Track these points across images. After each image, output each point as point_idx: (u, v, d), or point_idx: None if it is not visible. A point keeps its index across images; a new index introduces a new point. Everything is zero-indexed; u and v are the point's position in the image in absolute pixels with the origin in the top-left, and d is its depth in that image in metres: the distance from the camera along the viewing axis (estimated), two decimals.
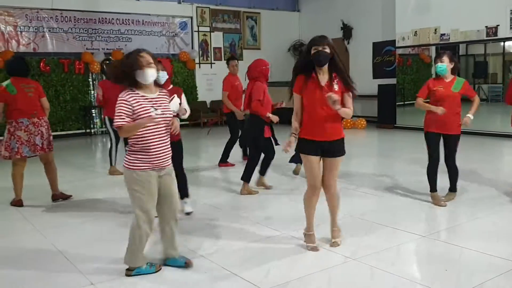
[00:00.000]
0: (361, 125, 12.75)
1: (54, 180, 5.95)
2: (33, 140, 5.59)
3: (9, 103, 5.53)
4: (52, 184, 5.96)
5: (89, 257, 4.02)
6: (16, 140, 5.53)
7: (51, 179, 5.95)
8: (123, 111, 3.36)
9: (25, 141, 5.55)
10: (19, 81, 5.64)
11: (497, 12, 10.43)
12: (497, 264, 3.64)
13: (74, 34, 12.55)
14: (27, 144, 5.56)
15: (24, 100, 5.57)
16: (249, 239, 4.36)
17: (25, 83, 5.70)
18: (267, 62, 6.11)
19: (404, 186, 6.22)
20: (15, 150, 5.53)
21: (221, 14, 14.90)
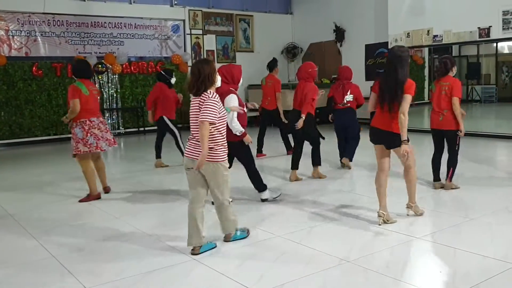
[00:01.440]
0: None
1: (104, 175, 6.43)
2: (105, 136, 6.14)
3: (82, 102, 5.96)
4: (102, 179, 6.43)
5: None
6: (94, 136, 6.02)
7: (102, 174, 6.41)
8: (217, 110, 3.96)
9: (100, 137, 6.06)
10: (87, 83, 6.14)
11: (490, 13, 10.46)
12: (491, 265, 3.62)
13: (66, 38, 12.49)
14: (103, 140, 6.09)
15: (94, 101, 6.14)
16: (243, 242, 4.33)
17: (92, 85, 6.26)
18: (315, 65, 6.74)
19: (397, 187, 6.20)
20: (94, 145, 6.02)
21: (214, 17, 14.88)
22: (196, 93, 4.02)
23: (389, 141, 4.63)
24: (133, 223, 5.05)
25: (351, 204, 5.50)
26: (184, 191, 6.49)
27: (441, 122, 5.82)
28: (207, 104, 3.92)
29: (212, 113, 3.90)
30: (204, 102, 3.94)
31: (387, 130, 4.58)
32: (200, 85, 3.98)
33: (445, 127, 5.83)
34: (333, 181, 6.75)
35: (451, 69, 5.80)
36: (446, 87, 5.74)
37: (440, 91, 5.80)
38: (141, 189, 6.70)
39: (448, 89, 5.72)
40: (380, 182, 4.75)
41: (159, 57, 13.90)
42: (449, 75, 5.80)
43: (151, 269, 3.76)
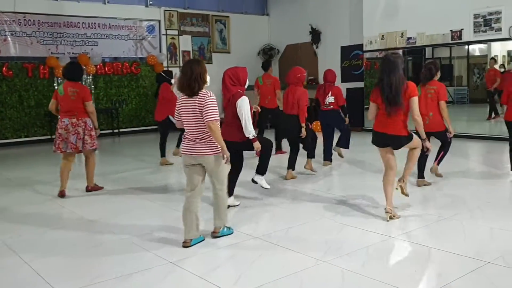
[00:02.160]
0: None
1: (90, 174, 6.52)
2: (69, 138, 6.18)
3: (59, 103, 6.29)
4: (88, 177, 6.52)
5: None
6: (58, 136, 6.25)
7: (87, 172, 6.53)
8: (217, 107, 4.15)
9: (64, 138, 6.19)
10: (68, 84, 6.28)
11: (461, 16, 10.67)
12: (464, 263, 3.69)
13: (38, 38, 12.25)
14: (66, 141, 6.20)
15: (67, 102, 6.21)
16: (221, 244, 4.31)
17: (72, 87, 6.26)
18: (304, 70, 6.97)
19: (373, 186, 6.27)
20: (56, 145, 6.26)
21: (189, 17, 14.80)
22: (190, 93, 4.13)
23: (397, 143, 4.86)
24: (108, 226, 4.98)
25: (327, 205, 5.52)
26: (159, 192, 6.45)
27: (428, 125, 5.88)
28: (209, 103, 4.10)
29: (216, 111, 4.11)
30: (205, 102, 4.10)
31: (394, 134, 4.78)
32: (194, 84, 4.10)
33: (433, 129, 6.04)
34: (313, 182, 6.77)
35: (435, 74, 6.15)
36: (433, 90, 6.06)
37: (426, 95, 6.07)
38: (116, 192, 6.61)
39: (435, 93, 6.03)
40: (388, 180, 4.92)
41: (134, 58, 13.76)
42: (434, 80, 6.13)
43: (127, 273, 3.70)
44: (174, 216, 5.25)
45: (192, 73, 4.09)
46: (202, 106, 4.09)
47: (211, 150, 4.20)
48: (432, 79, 6.14)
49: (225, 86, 5.32)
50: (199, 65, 4.17)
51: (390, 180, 4.92)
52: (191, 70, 4.11)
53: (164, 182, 7.35)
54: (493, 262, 3.67)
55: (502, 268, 3.58)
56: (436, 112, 6.06)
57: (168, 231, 4.71)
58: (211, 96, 4.14)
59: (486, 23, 10.33)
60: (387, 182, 4.92)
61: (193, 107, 4.14)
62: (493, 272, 3.52)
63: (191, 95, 4.14)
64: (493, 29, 10.24)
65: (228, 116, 5.32)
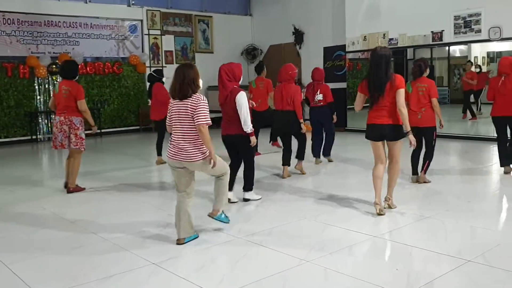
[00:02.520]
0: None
1: (73, 174, 6.49)
2: (57, 136, 6.33)
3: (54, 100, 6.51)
4: (70, 177, 6.49)
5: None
6: (53, 133, 6.51)
7: (71, 172, 6.49)
8: (208, 111, 4.16)
9: (56, 135, 6.37)
10: (63, 83, 6.40)
11: (442, 18, 10.80)
12: (446, 262, 3.73)
13: (18, 37, 12.07)
14: (57, 138, 6.36)
15: (59, 100, 6.35)
16: (203, 244, 4.29)
17: (65, 85, 6.34)
18: (295, 67, 7.06)
19: (355, 186, 6.31)
20: (51, 142, 6.53)
21: (172, 17, 14.73)
22: (182, 97, 4.14)
23: (391, 133, 4.95)
24: (90, 227, 4.93)
25: (310, 205, 5.54)
26: (145, 191, 6.41)
27: (420, 120, 6.22)
28: (201, 107, 4.10)
29: (207, 115, 4.11)
30: (197, 105, 4.10)
31: (387, 124, 4.92)
32: (186, 89, 4.11)
33: (423, 124, 6.26)
34: (298, 181, 6.78)
35: (425, 71, 6.35)
36: (424, 88, 6.28)
37: (418, 92, 6.31)
38: (100, 192, 6.55)
39: (426, 90, 6.25)
40: (378, 174, 5.07)
41: (116, 58, 13.65)
42: (424, 77, 6.33)
43: (109, 275, 3.67)
44: (159, 216, 5.23)
45: (185, 78, 4.11)
46: (194, 109, 4.09)
47: (199, 154, 4.16)
48: (421, 76, 6.34)
49: (221, 82, 5.44)
50: (192, 69, 4.19)
51: (380, 174, 5.06)
52: (183, 75, 4.13)
53: (152, 181, 7.29)
54: (473, 260, 3.71)
55: (482, 266, 3.62)
56: (428, 108, 6.27)
57: (152, 232, 4.68)
58: (203, 100, 4.15)
59: (466, 24, 10.48)
60: (376, 176, 5.06)
61: (185, 110, 4.13)
62: (473, 270, 3.56)
63: (183, 98, 4.15)
64: (473, 30, 10.39)
65: (229, 112, 5.42)
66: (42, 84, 12.41)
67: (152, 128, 13.75)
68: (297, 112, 6.87)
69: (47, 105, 12.50)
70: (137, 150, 10.51)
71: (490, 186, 6.58)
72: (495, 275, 3.49)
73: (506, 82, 6.64)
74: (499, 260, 3.73)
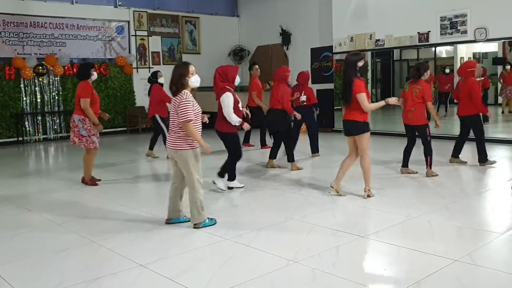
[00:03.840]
0: (301, 129, 12.86)
1: (84, 168, 6.90)
2: (71, 133, 6.79)
3: None
4: (84, 170, 6.93)
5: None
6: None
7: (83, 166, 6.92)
8: (191, 108, 4.53)
9: (70, 132, 6.80)
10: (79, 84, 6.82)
11: (428, 19, 10.89)
12: (433, 261, 3.75)
13: (3, 38, 11.96)
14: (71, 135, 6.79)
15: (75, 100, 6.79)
16: (192, 246, 4.27)
17: (78, 85, 6.75)
18: (288, 69, 7.81)
19: (343, 187, 6.33)
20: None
21: (159, 18, 14.68)
22: (174, 93, 4.64)
23: (353, 129, 5.62)
24: (74, 228, 4.89)
25: (297, 206, 5.55)
26: (135, 191, 6.37)
27: (411, 119, 6.79)
28: (183, 104, 4.52)
29: (187, 112, 4.49)
30: (179, 103, 4.54)
31: (350, 120, 5.60)
32: (176, 85, 4.60)
33: (414, 122, 6.79)
34: (283, 181, 6.79)
35: (423, 74, 6.68)
36: (418, 90, 6.66)
37: (412, 93, 6.71)
38: (87, 192, 6.51)
39: (420, 93, 6.64)
40: (344, 163, 5.82)
41: (103, 59, 13.57)
42: (421, 79, 6.67)
43: (96, 277, 3.64)
44: (144, 218, 5.20)
45: (174, 76, 4.63)
46: (177, 106, 4.56)
47: (185, 145, 4.58)
48: (419, 78, 6.66)
49: (214, 82, 6.14)
50: (181, 67, 4.67)
51: (345, 164, 5.80)
52: (174, 73, 4.65)
53: (141, 175, 7.26)
54: (460, 260, 3.74)
55: (469, 266, 3.65)
56: (418, 108, 6.68)
57: (137, 233, 4.65)
58: (186, 98, 4.54)
59: (452, 25, 10.57)
60: (342, 164, 5.82)
61: (174, 106, 4.64)
62: (460, 270, 3.59)
63: (174, 95, 4.65)
64: (459, 31, 10.48)
65: (219, 110, 6.08)
66: (28, 85, 12.29)
67: (139, 129, 13.72)
68: (286, 108, 7.48)
69: (33, 107, 12.40)
70: (125, 151, 10.44)
71: (475, 184, 6.64)
72: (482, 274, 3.52)
73: (462, 85, 7.28)
74: (486, 259, 3.77)
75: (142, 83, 14.12)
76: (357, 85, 5.45)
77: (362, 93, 5.44)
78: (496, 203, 5.66)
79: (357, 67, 5.49)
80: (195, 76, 4.69)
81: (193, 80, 4.66)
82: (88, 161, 6.86)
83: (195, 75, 4.69)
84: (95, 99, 6.75)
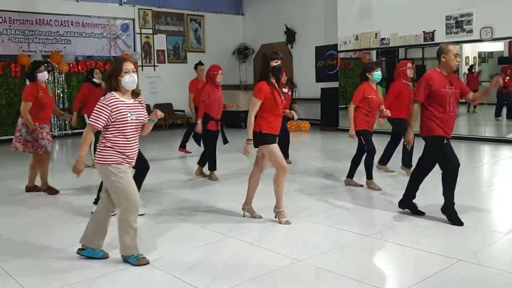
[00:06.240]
0: (305, 128, 12.90)
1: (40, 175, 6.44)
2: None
3: None
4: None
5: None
6: None
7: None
8: (102, 114, 3.65)
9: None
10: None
11: (434, 18, 10.86)
12: (437, 261, 3.74)
13: (9, 36, 11.99)
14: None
15: None
16: (195, 244, 4.28)
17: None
18: (216, 67, 6.78)
19: (348, 186, 6.32)
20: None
21: (164, 16, 14.69)
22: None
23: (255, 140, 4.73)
24: (78, 226, 4.89)
25: (301, 205, 5.55)
26: None
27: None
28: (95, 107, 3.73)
29: (93, 115, 3.67)
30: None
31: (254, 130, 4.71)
32: (107, 86, 3.81)
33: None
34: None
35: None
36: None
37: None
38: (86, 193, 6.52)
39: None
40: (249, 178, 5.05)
41: (107, 57, 13.59)
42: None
43: (100, 274, 3.65)
44: (144, 217, 5.21)
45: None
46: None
47: (97, 156, 3.77)
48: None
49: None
50: (111, 65, 3.90)
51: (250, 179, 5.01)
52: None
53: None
54: (465, 259, 3.74)
55: (473, 266, 3.65)
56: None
57: (142, 231, 4.66)
58: (102, 100, 3.71)
59: (458, 24, 10.54)
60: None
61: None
62: (464, 269, 3.58)
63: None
64: (465, 30, 10.45)
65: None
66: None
67: None
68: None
69: None
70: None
71: (479, 184, 6.62)
72: (486, 274, 3.52)
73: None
74: (491, 259, 3.76)
75: (147, 81, 14.18)
76: (256, 88, 4.66)
77: (254, 97, 4.63)
78: (501, 203, 5.64)
79: (270, 67, 4.64)
80: (129, 75, 3.75)
81: (126, 80, 3.74)
82: (34, 169, 6.31)
83: (130, 74, 3.75)
84: (44, 102, 6.09)
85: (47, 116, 6.25)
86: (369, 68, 6.07)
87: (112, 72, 3.76)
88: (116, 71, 3.74)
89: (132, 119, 3.73)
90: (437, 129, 4.65)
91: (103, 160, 3.71)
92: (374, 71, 5.99)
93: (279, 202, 4.83)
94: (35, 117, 6.06)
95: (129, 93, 3.82)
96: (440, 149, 4.68)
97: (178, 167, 8.13)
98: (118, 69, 3.74)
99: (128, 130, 3.73)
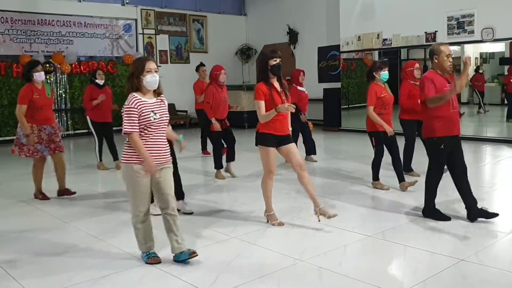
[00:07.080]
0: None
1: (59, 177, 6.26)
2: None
3: None
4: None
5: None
6: None
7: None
8: (133, 118, 3.62)
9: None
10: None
11: (436, 19, 10.86)
12: (439, 261, 3.75)
13: (11, 36, 12.03)
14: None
15: None
16: (197, 244, 4.29)
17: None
18: (218, 67, 6.86)
19: (350, 186, 6.33)
20: None
21: (167, 16, 14.72)
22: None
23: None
24: (81, 227, 4.92)
25: (303, 205, 5.55)
26: None
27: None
28: (123, 114, 3.69)
29: (126, 123, 3.65)
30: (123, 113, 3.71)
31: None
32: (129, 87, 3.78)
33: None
34: (286, 181, 6.80)
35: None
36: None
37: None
38: (87, 193, 6.54)
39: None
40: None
41: (110, 57, 13.62)
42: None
43: (102, 275, 3.66)
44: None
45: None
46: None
47: (123, 156, 3.78)
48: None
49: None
50: (135, 63, 3.80)
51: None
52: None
53: None
54: (466, 259, 3.74)
55: (475, 265, 3.65)
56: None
57: None
58: (126, 105, 3.68)
59: (459, 25, 10.54)
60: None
61: None
62: (466, 269, 3.59)
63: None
64: (466, 31, 10.45)
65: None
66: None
67: None
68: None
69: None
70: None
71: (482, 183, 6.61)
72: (488, 274, 3.52)
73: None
74: (492, 259, 3.76)
75: None
76: (255, 89, 4.64)
77: (256, 99, 4.61)
78: (502, 203, 5.64)
79: (269, 66, 4.57)
80: (151, 75, 3.71)
81: (148, 79, 3.70)
82: (34, 173, 6.10)
83: (152, 74, 3.72)
84: (40, 105, 5.88)
85: (46, 117, 5.99)
86: (377, 67, 6.03)
87: (134, 71, 3.71)
88: (139, 70, 3.69)
89: (155, 118, 3.69)
90: (439, 130, 4.66)
91: (128, 160, 3.71)
92: (382, 71, 5.97)
93: (267, 205, 4.80)
94: (33, 119, 5.85)
95: (151, 92, 3.77)
96: (437, 149, 4.71)
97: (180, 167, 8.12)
98: (141, 68, 3.69)
99: (152, 129, 3.70)
